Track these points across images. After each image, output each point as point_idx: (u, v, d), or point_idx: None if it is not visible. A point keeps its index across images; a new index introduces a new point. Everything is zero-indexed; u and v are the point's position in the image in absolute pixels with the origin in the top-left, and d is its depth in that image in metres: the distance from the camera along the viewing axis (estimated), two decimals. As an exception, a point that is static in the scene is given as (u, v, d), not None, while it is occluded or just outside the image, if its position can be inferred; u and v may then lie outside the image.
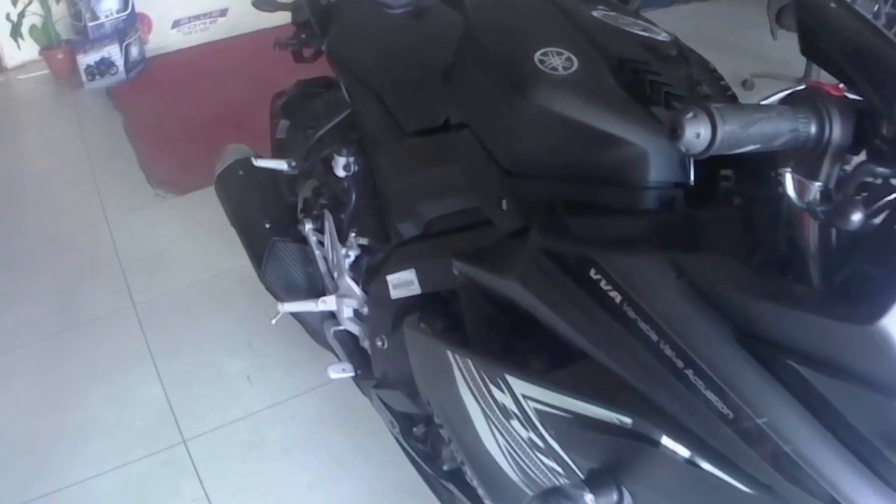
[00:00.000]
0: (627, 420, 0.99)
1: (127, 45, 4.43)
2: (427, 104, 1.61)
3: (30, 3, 4.38)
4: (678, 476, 0.97)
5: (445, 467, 1.64)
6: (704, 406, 0.90)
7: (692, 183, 1.15)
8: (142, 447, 2.35)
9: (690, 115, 0.79)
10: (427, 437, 1.69)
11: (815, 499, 0.85)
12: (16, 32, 4.45)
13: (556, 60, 1.25)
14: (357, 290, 1.90)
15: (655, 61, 1.23)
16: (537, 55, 1.26)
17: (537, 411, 1.12)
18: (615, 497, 1.03)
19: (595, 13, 1.36)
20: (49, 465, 2.31)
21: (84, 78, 4.42)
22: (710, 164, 1.15)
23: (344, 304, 1.96)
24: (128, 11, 4.40)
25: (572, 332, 1.05)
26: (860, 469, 0.84)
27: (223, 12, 4.86)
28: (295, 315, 2.23)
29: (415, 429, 1.72)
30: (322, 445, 2.33)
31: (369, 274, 1.83)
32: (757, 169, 1.05)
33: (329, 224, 1.99)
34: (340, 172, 1.92)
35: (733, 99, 1.27)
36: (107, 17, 4.33)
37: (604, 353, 1.01)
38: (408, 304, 1.62)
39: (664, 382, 0.94)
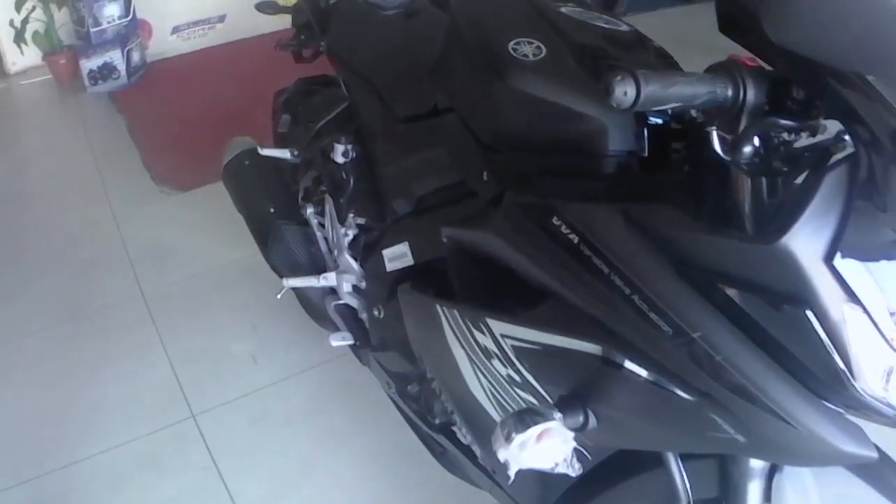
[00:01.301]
0: (592, 347, 1.16)
1: (129, 51, 4.49)
2: (417, 93, 1.77)
3: (33, 9, 4.41)
4: (634, 392, 1.13)
5: (437, 421, 1.78)
6: (649, 325, 1.07)
7: (646, 153, 1.33)
8: (152, 422, 2.48)
9: (619, 77, 0.96)
10: (420, 395, 1.83)
11: (743, 399, 1.02)
12: (19, 38, 4.48)
13: (527, 48, 1.44)
14: (355, 265, 2.05)
15: (614, 49, 1.42)
16: (511, 44, 1.44)
17: (514, 348, 1.29)
18: (581, 418, 1.19)
19: (563, 9, 1.54)
20: (63, 441, 2.42)
21: (87, 82, 4.45)
22: (663, 137, 1.34)
23: (343, 279, 2.11)
24: (129, 17, 4.45)
25: (540, 273, 1.22)
26: (777, 370, 1.01)
27: (221, 18, 4.92)
28: (297, 293, 2.39)
29: (409, 387, 1.86)
30: (323, 417, 2.47)
31: (366, 250, 1.98)
32: (705, 142, 1.22)
33: (329, 207, 2.15)
34: (339, 159, 2.06)
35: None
36: (109, 22, 4.37)
37: (566, 289, 1.18)
38: (402, 274, 1.77)
39: (615, 308, 1.10)
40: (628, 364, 1.12)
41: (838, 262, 0.94)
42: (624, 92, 0.96)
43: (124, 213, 3.49)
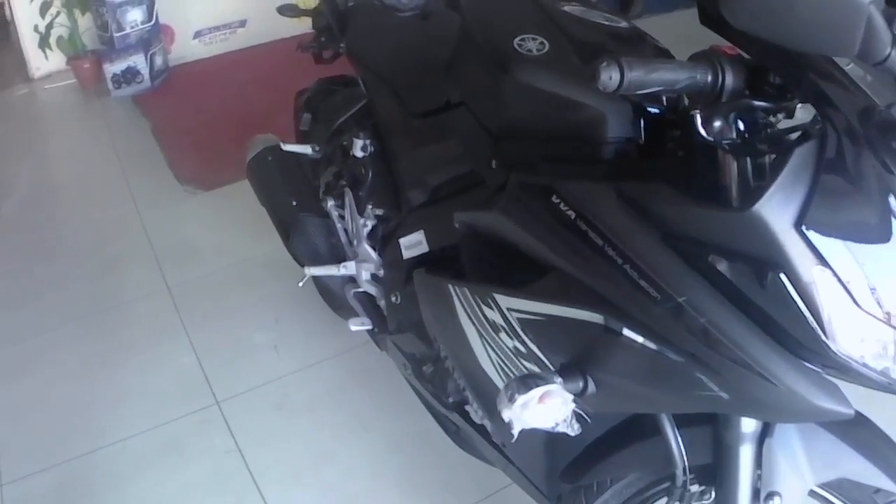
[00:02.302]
0: (592, 315, 1.25)
1: (152, 55, 4.55)
2: (431, 90, 1.88)
3: (57, 14, 4.47)
4: (629, 357, 1.22)
5: (451, 400, 1.88)
6: (639, 292, 1.17)
7: (643, 140, 1.43)
8: (177, 408, 2.56)
9: (605, 63, 1.06)
10: (435, 376, 1.93)
11: (726, 359, 1.11)
12: (44, 43, 4.55)
13: (532, 44, 1.54)
14: (374, 255, 2.15)
15: (613, 44, 1.52)
16: (516, 40, 1.55)
17: (519, 320, 1.38)
18: (581, 383, 1.28)
19: (566, 8, 1.65)
20: (90, 427, 2.52)
21: (110, 86, 4.51)
22: (660, 126, 1.43)
23: (362, 268, 2.21)
24: (152, 23, 4.52)
25: (543, 249, 1.32)
26: (757, 331, 1.10)
27: (242, 23, 4.98)
28: (317, 285, 2.49)
29: (424, 368, 1.96)
30: (343, 404, 2.55)
31: (384, 240, 2.09)
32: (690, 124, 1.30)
33: (349, 199, 2.26)
34: (358, 153, 2.17)
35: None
36: (132, 27, 4.43)
37: (566, 262, 1.28)
38: (417, 261, 1.88)
39: (610, 277, 1.20)
40: (625, 331, 1.22)
41: (811, 233, 1.03)
42: (609, 76, 1.06)
43: (149, 211, 3.58)
